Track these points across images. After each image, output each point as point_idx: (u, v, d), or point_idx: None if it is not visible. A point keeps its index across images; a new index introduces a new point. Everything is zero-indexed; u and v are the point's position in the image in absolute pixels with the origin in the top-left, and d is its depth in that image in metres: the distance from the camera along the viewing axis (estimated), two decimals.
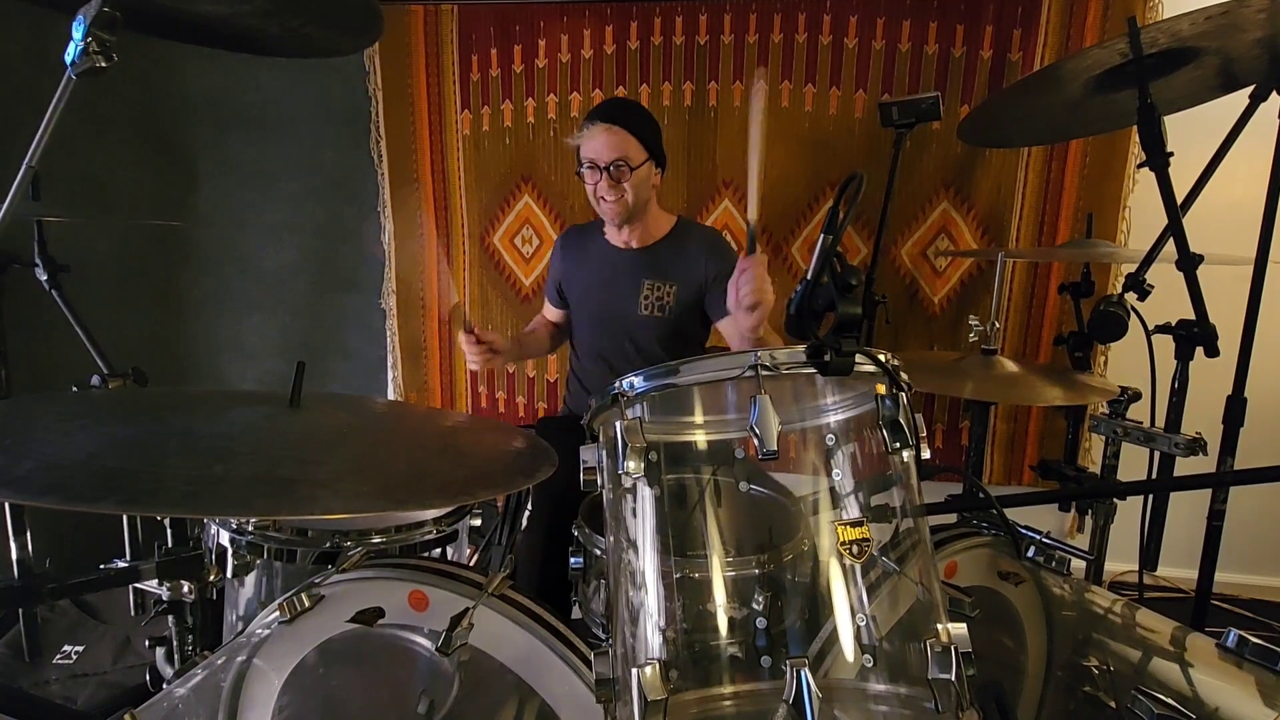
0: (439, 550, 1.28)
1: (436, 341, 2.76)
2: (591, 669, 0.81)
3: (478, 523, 1.41)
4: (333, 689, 0.99)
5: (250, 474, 0.76)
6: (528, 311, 2.65)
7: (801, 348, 0.72)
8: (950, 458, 2.52)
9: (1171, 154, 1.28)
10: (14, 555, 1.77)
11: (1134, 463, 1.66)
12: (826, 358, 0.70)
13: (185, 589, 1.07)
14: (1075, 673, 1.04)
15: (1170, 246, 1.32)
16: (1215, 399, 1.42)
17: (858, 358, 0.72)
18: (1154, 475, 1.57)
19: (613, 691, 0.77)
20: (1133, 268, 1.34)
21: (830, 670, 0.70)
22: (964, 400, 2.41)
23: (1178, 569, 2.36)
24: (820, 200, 2.47)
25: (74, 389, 1.70)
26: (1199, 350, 1.38)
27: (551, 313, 2.00)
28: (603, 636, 1.13)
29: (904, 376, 0.76)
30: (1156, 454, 1.52)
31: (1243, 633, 0.90)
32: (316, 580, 0.95)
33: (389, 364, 2.77)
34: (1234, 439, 1.41)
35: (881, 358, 0.75)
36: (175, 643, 1.10)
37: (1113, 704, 0.95)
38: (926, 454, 0.76)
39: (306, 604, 0.90)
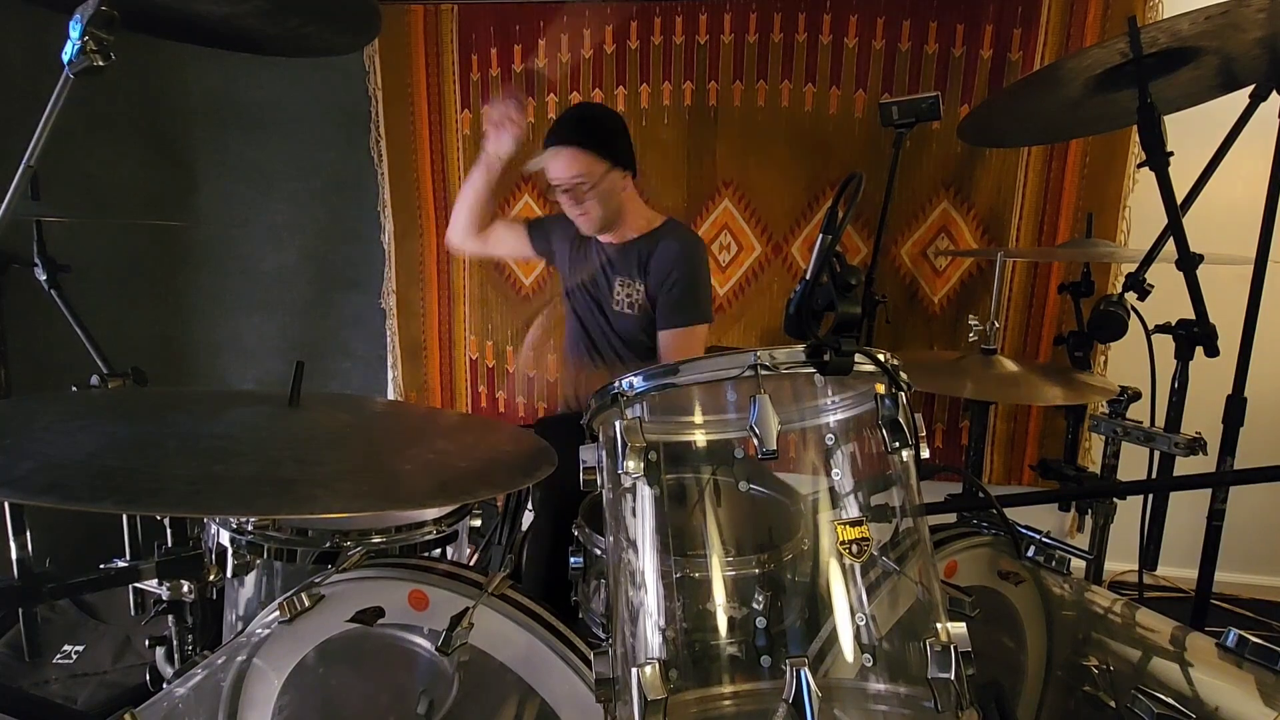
0: (439, 550, 1.28)
1: (436, 341, 2.76)
2: (591, 669, 0.81)
3: (478, 523, 1.41)
4: (333, 689, 0.99)
5: (250, 474, 0.76)
6: (528, 311, 2.66)
7: (801, 347, 0.72)
8: (950, 457, 2.52)
9: (1171, 154, 1.28)
10: (14, 555, 1.77)
11: (1134, 463, 1.66)
12: (826, 357, 0.70)
13: (185, 589, 1.07)
14: (1075, 672, 1.04)
15: (1170, 246, 1.32)
16: (1215, 399, 1.42)
17: (857, 357, 0.72)
18: (1154, 475, 1.57)
19: (613, 691, 0.77)
20: (1133, 267, 1.34)
21: (830, 670, 0.70)
22: (964, 400, 2.40)
23: (1178, 569, 2.36)
24: (820, 200, 2.47)
25: (74, 389, 1.70)
26: (1199, 350, 1.38)
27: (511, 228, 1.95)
28: (603, 636, 1.13)
29: (904, 376, 0.76)
30: (1156, 454, 1.52)
31: (1243, 633, 0.90)
32: (316, 580, 0.95)
33: (389, 364, 2.77)
34: (1234, 439, 1.40)
35: (881, 357, 0.75)
36: (175, 643, 1.11)
37: (1113, 704, 0.95)
38: (926, 454, 0.76)
39: (306, 604, 0.90)
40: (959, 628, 0.70)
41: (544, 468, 0.94)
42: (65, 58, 0.98)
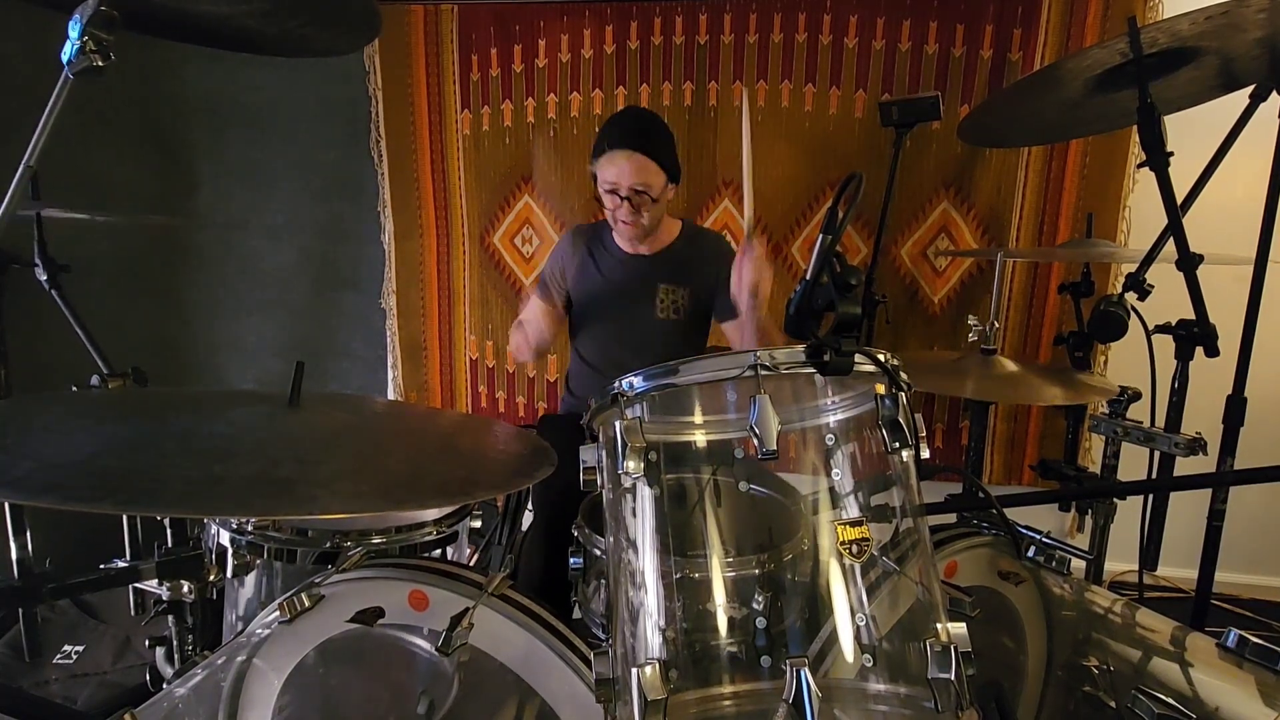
0: (439, 550, 1.28)
1: (436, 341, 2.76)
2: (591, 669, 0.81)
3: (478, 524, 1.41)
4: (333, 689, 0.99)
5: (250, 474, 0.76)
6: None
7: (801, 347, 0.72)
8: (950, 458, 2.52)
9: (1171, 154, 1.28)
10: (14, 555, 1.77)
11: (1134, 463, 1.66)
12: (826, 357, 0.70)
13: (185, 589, 1.07)
14: (1075, 673, 1.04)
15: (1170, 246, 1.31)
16: (1215, 399, 1.42)
17: (857, 357, 0.72)
18: (1154, 475, 1.57)
19: (613, 691, 0.77)
20: (1133, 268, 1.34)
21: (830, 670, 0.70)
22: (964, 400, 2.40)
23: (1178, 569, 2.36)
24: (820, 200, 2.47)
25: (74, 389, 1.70)
26: (1199, 350, 1.38)
27: (535, 309, 1.83)
28: (603, 636, 1.13)
29: (904, 376, 0.76)
30: (1156, 454, 1.52)
31: (1243, 633, 0.90)
32: (316, 580, 0.94)
33: (389, 364, 2.77)
34: (1234, 439, 1.40)
35: (881, 357, 0.75)
36: (175, 643, 1.10)
37: (1113, 704, 0.95)
38: (926, 454, 0.76)
39: (306, 604, 0.90)
40: (959, 628, 0.70)
41: (544, 468, 0.94)
42: (65, 58, 0.98)
